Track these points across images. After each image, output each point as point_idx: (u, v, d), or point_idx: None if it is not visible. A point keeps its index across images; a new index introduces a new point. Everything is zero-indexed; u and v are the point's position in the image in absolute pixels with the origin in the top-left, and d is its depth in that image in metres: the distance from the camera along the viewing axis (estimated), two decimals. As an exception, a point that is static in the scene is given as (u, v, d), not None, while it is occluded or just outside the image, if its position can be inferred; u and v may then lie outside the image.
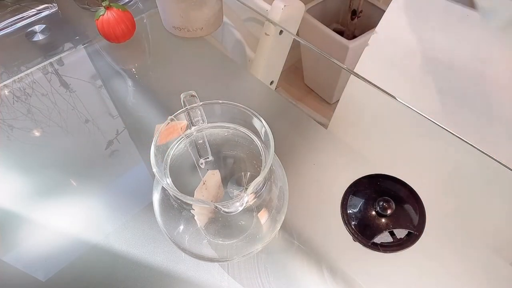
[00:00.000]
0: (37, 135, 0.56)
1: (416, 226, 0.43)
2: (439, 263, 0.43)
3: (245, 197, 0.31)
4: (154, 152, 0.33)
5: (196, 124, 0.39)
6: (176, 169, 0.38)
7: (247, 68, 0.78)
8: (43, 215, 0.47)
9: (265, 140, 0.36)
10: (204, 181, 0.36)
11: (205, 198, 0.35)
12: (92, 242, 0.45)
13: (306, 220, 0.46)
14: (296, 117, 0.59)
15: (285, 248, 0.44)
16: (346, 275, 0.42)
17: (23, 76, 0.63)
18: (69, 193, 0.50)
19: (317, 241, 0.44)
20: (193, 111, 0.38)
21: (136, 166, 0.53)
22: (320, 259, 0.43)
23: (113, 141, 0.55)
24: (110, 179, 0.51)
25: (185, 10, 0.63)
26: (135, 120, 0.58)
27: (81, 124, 0.57)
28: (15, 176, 0.52)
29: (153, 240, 0.44)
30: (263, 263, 0.43)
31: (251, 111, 0.36)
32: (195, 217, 0.35)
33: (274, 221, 0.38)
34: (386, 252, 0.42)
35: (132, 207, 0.47)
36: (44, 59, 0.66)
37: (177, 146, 0.39)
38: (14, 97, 0.61)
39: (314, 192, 0.48)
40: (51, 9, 0.74)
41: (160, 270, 0.42)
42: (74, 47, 0.68)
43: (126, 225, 0.46)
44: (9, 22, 0.71)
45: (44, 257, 0.44)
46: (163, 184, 0.32)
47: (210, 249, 0.38)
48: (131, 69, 0.66)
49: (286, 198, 0.39)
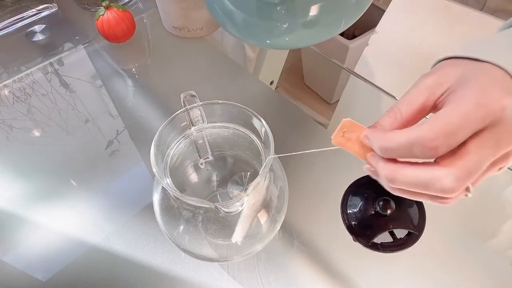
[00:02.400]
0: (37, 135, 0.56)
1: (416, 226, 0.43)
2: (439, 263, 0.43)
3: (245, 197, 0.31)
4: (154, 152, 0.33)
5: (196, 124, 0.39)
6: (176, 169, 0.38)
7: (247, 68, 0.78)
8: (43, 215, 0.47)
9: (265, 140, 0.36)
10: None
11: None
12: (92, 242, 0.45)
13: (306, 220, 0.46)
14: (296, 117, 0.59)
15: (285, 248, 0.44)
16: (346, 275, 0.42)
17: (23, 76, 0.63)
18: (69, 193, 0.50)
19: (317, 241, 0.44)
20: (193, 111, 0.38)
21: (136, 166, 0.53)
22: (320, 259, 0.43)
23: (113, 141, 0.55)
24: (110, 179, 0.51)
25: (185, 10, 0.63)
26: (135, 120, 0.58)
27: (81, 124, 0.57)
28: (15, 176, 0.52)
29: (153, 240, 0.44)
30: (263, 263, 0.43)
31: (251, 111, 0.36)
32: (237, 229, 0.36)
33: (274, 221, 0.38)
34: (386, 252, 0.42)
35: (132, 207, 0.47)
36: (44, 59, 0.66)
37: (177, 146, 0.39)
38: (14, 97, 0.61)
39: (314, 192, 0.48)
40: (51, 9, 0.74)
41: (160, 270, 0.42)
42: (74, 47, 0.68)
43: (126, 225, 0.46)
44: (9, 22, 0.71)
45: (44, 257, 0.44)
46: (163, 184, 0.32)
47: (210, 249, 0.38)
48: (131, 69, 0.66)
49: (286, 198, 0.39)
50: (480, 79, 0.24)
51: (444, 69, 0.26)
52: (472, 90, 0.23)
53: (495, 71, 0.24)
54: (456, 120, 0.22)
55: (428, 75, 0.26)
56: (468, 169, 0.23)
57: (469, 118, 0.22)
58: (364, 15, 0.44)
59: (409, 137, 0.24)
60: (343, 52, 1.15)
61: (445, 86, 0.25)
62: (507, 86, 0.23)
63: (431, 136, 0.23)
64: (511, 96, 0.23)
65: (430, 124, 0.23)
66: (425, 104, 0.25)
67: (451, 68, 0.25)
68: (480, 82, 0.23)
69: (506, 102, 0.23)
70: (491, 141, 0.23)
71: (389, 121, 0.26)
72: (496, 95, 0.23)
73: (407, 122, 0.26)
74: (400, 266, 0.43)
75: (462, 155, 0.23)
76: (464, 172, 0.23)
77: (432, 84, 0.25)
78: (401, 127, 0.26)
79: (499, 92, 0.23)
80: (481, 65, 0.24)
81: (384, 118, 0.26)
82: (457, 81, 0.24)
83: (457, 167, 0.23)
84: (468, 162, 0.23)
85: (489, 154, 0.23)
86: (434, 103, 0.25)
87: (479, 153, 0.23)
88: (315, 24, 0.37)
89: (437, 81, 0.25)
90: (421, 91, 0.25)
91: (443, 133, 0.22)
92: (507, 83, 0.23)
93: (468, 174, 0.23)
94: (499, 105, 0.22)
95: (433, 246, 0.43)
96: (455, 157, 0.23)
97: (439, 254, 0.43)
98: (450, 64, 0.26)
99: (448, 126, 0.23)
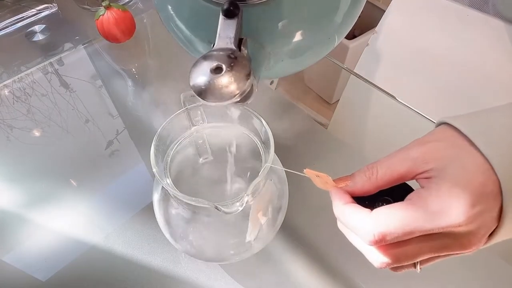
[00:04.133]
0: (37, 135, 0.56)
1: (416, 226, 0.43)
2: (439, 263, 0.43)
3: (245, 197, 0.31)
4: (154, 152, 0.33)
5: (196, 124, 0.39)
6: (176, 169, 0.38)
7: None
8: (43, 215, 0.47)
9: (265, 140, 0.35)
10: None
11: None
12: (92, 242, 0.45)
13: (306, 220, 0.46)
14: (296, 117, 0.59)
15: (285, 248, 0.44)
16: (346, 275, 0.42)
17: (23, 76, 0.63)
18: (69, 193, 0.50)
19: (317, 241, 0.44)
20: (193, 111, 0.38)
21: (136, 166, 0.53)
22: (320, 259, 0.43)
23: (113, 141, 0.55)
24: (110, 179, 0.51)
25: (185, 10, 0.63)
26: (135, 120, 0.58)
27: (81, 124, 0.57)
28: (15, 176, 0.52)
29: (153, 240, 0.44)
30: (263, 263, 0.43)
31: (251, 111, 0.36)
32: (249, 230, 0.35)
33: (274, 221, 0.38)
34: (386, 252, 0.42)
35: (132, 207, 0.47)
36: (44, 59, 0.66)
37: (177, 146, 0.39)
38: (14, 97, 0.61)
39: (314, 192, 0.48)
40: (51, 9, 0.74)
41: (160, 270, 0.42)
42: (74, 47, 0.68)
43: (126, 225, 0.46)
44: (9, 22, 0.71)
45: (44, 257, 0.44)
46: (163, 184, 0.32)
47: (210, 249, 0.38)
48: (131, 69, 0.66)
49: (286, 198, 0.39)
50: (460, 179, 0.22)
51: (437, 142, 0.24)
52: (441, 191, 0.22)
53: (484, 171, 0.22)
54: (409, 226, 0.22)
55: (419, 145, 0.25)
56: (397, 258, 0.24)
57: (422, 229, 0.22)
58: (364, 15, 0.43)
59: (355, 224, 0.25)
60: (343, 52, 1.16)
61: (429, 166, 0.23)
62: (483, 194, 0.22)
63: (373, 238, 0.23)
64: (474, 209, 0.22)
65: (379, 225, 0.23)
66: (404, 175, 0.25)
67: (443, 144, 0.24)
68: (456, 184, 0.22)
69: (464, 218, 0.22)
70: (435, 246, 0.23)
71: (362, 180, 0.26)
72: (461, 208, 0.22)
73: (379, 186, 0.26)
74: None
75: (401, 244, 0.24)
76: (392, 258, 0.24)
77: (417, 158, 0.24)
78: (372, 190, 0.26)
79: (465, 204, 0.22)
80: (474, 155, 0.22)
81: (359, 174, 0.26)
82: (439, 168, 0.23)
83: (388, 252, 0.24)
84: (400, 253, 0.24)
85: (428, 253, 0.24)
86: (413, 176, 0.24)
87: (417, 250, 0.24)
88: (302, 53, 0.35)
89: (423, 156, 0.24)
90: (405, 161, 0.24)
91: (387, 235, 0.23)
92: (486, 189, 0.22)
93: (395, 261, 0.24)
94: (457, 220, 0.22)
95: (433, 246, 0.43)
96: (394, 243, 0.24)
97: (439, 254, 0.43)
98: (446, 137, 0.24)
99: (396, 232, 0.23)
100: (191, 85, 0.24)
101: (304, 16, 0.29)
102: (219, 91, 0.24)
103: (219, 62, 0.24)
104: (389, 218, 0.23)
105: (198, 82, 0.24)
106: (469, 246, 0.23)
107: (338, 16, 0.31)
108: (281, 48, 0.31)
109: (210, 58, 0.25)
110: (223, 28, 0.26)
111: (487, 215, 0.22)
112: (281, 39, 0.30)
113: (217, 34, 0.26)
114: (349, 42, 1.13)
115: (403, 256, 0.24)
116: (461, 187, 0.22)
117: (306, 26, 0.30)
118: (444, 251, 0.24)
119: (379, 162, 0.26)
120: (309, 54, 0.33)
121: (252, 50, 0.29)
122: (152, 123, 0.57)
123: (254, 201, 0.34)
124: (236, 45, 0.26)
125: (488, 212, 0.22)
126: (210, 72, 0.24)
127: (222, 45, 0.26)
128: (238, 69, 0.24)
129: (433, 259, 0.26)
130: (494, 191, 0.22)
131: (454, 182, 0.22)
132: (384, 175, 0.25)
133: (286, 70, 0.34)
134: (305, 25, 0.30)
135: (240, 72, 0.24)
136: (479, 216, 0.22)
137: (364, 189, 0.26)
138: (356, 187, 0.26)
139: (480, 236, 0.23)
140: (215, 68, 0.24)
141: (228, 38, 0.26)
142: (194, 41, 0.33)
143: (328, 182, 0.28)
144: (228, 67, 0.24)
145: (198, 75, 0.24)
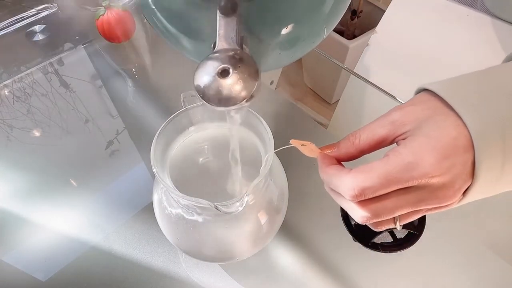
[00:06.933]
0: (37, 135, 0.56)
1: (416, 226, 0.43)
2: (439, 263, 0.43)
3: (245, 197, 0.31)
4: (154, 152, 0.33)
5: (196, 124, 0.39)
6: (176, 169, 0.38)
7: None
8: (43, 215, 0.47)
9: (265, 140, 0.35)
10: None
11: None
12: (92, 242, 0.45)
13: (306, 220, 0.46)
14: (296, 117, 0.59)
15: (285, 248, 0.44)
16: (346, 275, 0.42)
17: (23, 76, 0.63)
18: (69, 193, 0.50)
19: (317, 241, 0.44)
20: (193, 111, 0.38)
21: (136, 166, 0.53)
22: (320, 259, 0.43)
23: (113, 141, 0.55)
24: (110, 179, 0.51)
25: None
26: (135, 120, 0.58)
27: (81, 124, 0.57)
28: (15, 176, 0.52)
29: (153, 240, 0.44)
30: (263, 263, 0.43)
31: (251, 111, 0.36)
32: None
33: (274, 221, 0.38)
34: (386, 252, 0.42)
35: (132, 207, 0.47)
36: (44, 59, 0.66)
37: (177, 146, 0.39)
38: (14, 97, 0.61)
39: (314, 192, 0.48)
40: (51, 9, 0.74)
41: (160, 270, 0.42)
42: (74, 47, 0.68)
43: (126, 225, 0.46)
44: (9, 22, 0.71)
45: (44, 257, 0.44)
46: (163, 184, 0.32)
47: (210, 249, 0.38)
48: (131, 69, 0.66)
49: (286, 198, 0.39)
50: (433, 134, 0.23)
51: (414, 106, 0.25)
52: (415, 145, 0.24)
53: (456, 126, 0.23)
54: (386, 179, 0.23)
55: (399, 109, 0.26)
56: (376, 212, 0.25)
57: (398, 181, 0.23)
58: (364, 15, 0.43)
59: (336, 182, 0.26)
60: (343, 52, 1.15)
61: (406, 128, 0.25)
62: (455, 147, 0.23)
63: (353, 193, 0.24)
64: (446, 160, 0.22)
65: (358, 180, 0.24)
66: (384, 138, 0.26)
67: (420, 107, 0.25)
68: (429, 139, 0.23)
69: (437, 167, 0.23)
70: (412, 199, 0.24)
71: (346, 146, 0.27)
72: (434, 158, 0.23)
73: (362, 150, 0.27)
74: (400, 266, 0.43)
75: (379, 198, 0.25)
76: (372, 212, 0.25)
77: (396, 120, 0.25)
78: (356, 154, 0.27)
79: (438, 155, 0.23)
80: (447, 114, 0.24)
81: (344, 141, 0.28)
82: (416, 127, 0.24)
83: (368, 207, 0.25)
84: (379, 207, 0.25)
85: (406, 207, 0.25)
86: (393, 139, 0.26)
87: (394, 203, 0.24)
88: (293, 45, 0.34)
89: (401, 119, 0.25)
90: (385, 124, 0.26)
91: (366, 189, 0.24)
92: (457, 142, 0.23)
93: (375, 215, 0.25)
94: (430, 170, 0.23)
95: (433, 246, 0.43)
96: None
97: (439, 254, 0.43)
98: (423, 101, 0.26)
99: (374, 185, 0.24)
100: (197, 90, 0.23)
101: (300, 3, 0.29)
102: (229, 96, 0.23)
103: (225, 64, 0.23)
104: (367, 173, 0.24)
105: (206, 87, 0.23)
106: (444, 199, 0.24)
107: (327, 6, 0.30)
108: (277, 40, 0.30)
109: (215, 60, 0.24)
110: (223, 27, 0.25)
111: (460, 168, 0.23)
112: (277, 30, 0.29)
113: (217, 34, 0.25)
114: (349, 42, 1.13)
115: (381, 209, 0.25)
116: (433, 140, 0.23)
117: (300, 15, 0.29)
118: (421, 205, 0.24)
119: (362, 128, 0.27)
120: (302, 45, 0.32)
121: (251, 46, 0.28)
122: (152, 123, 0.57)
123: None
124: (239, 44, 0.25)
125: (460, 165, 0.23)
126: (217, 76, 0.23)
127: (225, 45, 0.25)
128: (246, 70, 0.23)
129: (412, 215, 0.26)
130: (466, 144, 0.23)
131: (427, 136, 0.23)
132: (366, 139, 0.26)
133: (279, 62, 0.34)
134: (299, 13, 0.29)
135: (248, 74, 0.23)
136: (452, 167, 0.23)
137: (349, 153, 0.27)
138: (341, 152, 0.28)
139: (455, 189, 0.24)
140: (222, 71, 0.23)
141: (230, 37, 0.25)
142: (185, 40, 0.31)
143: (313, 149, 0.29)
144: (235, 70, 0.23)
145: (205, 80, 0.23)
